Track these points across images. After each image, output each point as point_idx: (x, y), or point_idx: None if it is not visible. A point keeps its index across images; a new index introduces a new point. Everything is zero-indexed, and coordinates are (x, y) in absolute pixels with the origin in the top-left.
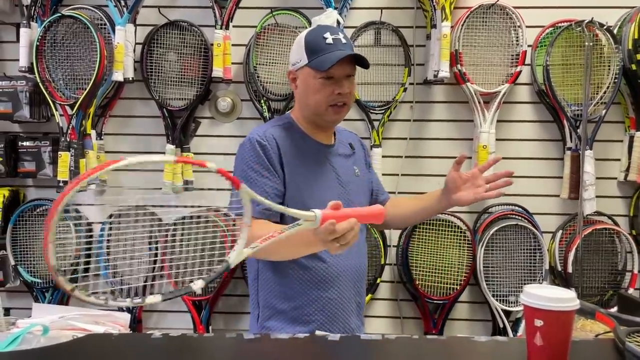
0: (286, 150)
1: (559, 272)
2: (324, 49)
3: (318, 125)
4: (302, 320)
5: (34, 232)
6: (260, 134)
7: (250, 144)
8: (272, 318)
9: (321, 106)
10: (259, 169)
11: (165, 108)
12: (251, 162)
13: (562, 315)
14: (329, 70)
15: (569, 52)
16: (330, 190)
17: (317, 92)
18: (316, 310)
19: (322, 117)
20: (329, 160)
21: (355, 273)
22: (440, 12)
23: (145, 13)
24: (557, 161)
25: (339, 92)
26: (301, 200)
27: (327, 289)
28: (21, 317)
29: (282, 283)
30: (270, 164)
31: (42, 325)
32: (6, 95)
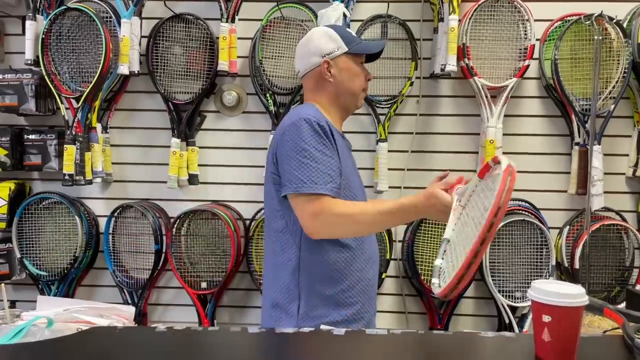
0: (334, 133)
1: (566, 268)
2: (357, 39)
3: (345, 111)
4: (347, 302)
5: (39, 225)
6: (312, 115)
7: (305, 125)
8: (320, 306)
9: (358, 89)
10: (321, 147)
11: (170, 101)
12: (312, 140)
13: (571, 311)
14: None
15: (578, 46)
16: (356, 174)
17: (359, 77)
18: (359, 292)
19: (357, 101)
20: (348, 147)
21: (378, 257)
22: (448, 5)
23: (150, 6)
24: (564, 156)
25: (369, 78)
26: (351, 182)
27: (368, 270)
28: (26, 309)
29: (328, 266)
30: (330, 143)
31: (47, 318)
32: (12, 88)
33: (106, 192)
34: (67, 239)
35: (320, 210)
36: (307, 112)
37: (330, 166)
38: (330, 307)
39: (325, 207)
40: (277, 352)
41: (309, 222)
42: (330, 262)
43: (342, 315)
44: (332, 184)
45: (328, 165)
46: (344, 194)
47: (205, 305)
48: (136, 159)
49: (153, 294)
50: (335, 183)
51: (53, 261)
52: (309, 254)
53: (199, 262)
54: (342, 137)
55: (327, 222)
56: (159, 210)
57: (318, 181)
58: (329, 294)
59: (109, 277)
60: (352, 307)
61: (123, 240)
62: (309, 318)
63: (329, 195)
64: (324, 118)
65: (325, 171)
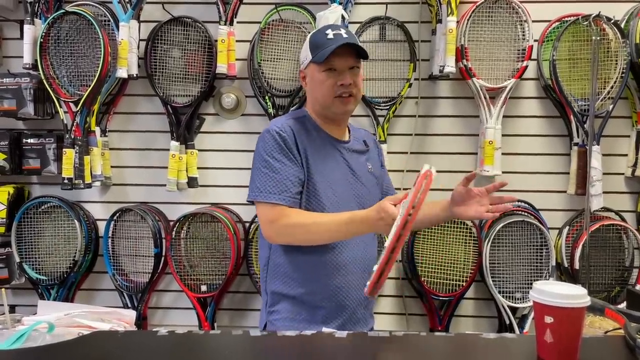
0: (303, 140)
1: (566, 268)
2: (325, 44)
3: (330, 118)
4: (311, 305)
5: (39, 229)
6: (278, 126)
7: (270, 135)
8: (280, 302)
9: (327, 98)
10: (280, 157)
11: (169, 104)
12: (273, 151)
13: (573, 312)
14: (329, 61)
15: (576, 46)
16: (344, 181)
17: (322, 85)
18: (324, 298)
19: (331, 110)
20: (342, 154)
21: (363, 264)
22: (446, 6)
23: (149, 9)
24: (563, 157)
25: (341, 83)
26: (318, 190)
27: (335, 277)
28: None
29: (293, 269)
30: (290, 152)
31: (48, 323)
32: (10, 92)
33: (105, 196)
34: (67, 243)
35: (273, 219)
36: (276, 122)
37: (288, 176)
38: (292, 306)
39: (278, 216)
40: (279, 355)
41: (265, 228)
42: (295, 265)
43: (303, 317)
44: (287, 194)
45: (285, 175)
46: (311, 201)
47: (205, 308)
48: (135, 162)
49: (153, 297)
50: (290, 192)
51: (52, 265)
52: (277, 256)
53: (199, 265)
54: (330, 144)
55: (279, 231)
56: (158, 214)
57: (273, 190)
58: (292, 294)
59: (109, 281)
60: (316, 311)
61: (122, 244)
62: (271, 314)
63: (283, 205)
64: (291, 126)
65: (281, 181)
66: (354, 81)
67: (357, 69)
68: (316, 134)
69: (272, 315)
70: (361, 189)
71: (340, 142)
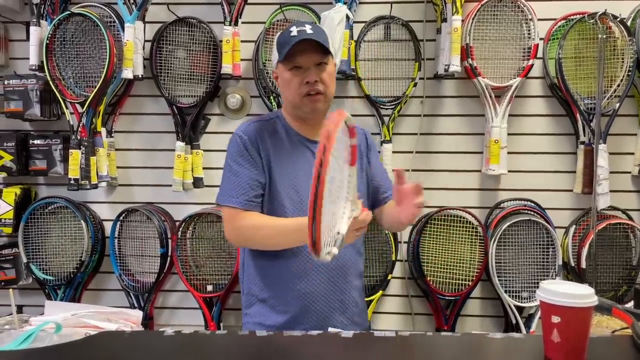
0: (266, 143)
1: (572, 267)
2: (288, 42)
3: (301, 118)
4: (279, 309)
5: (45, 230)
6: (242, 129)
7: (234, 139)
8: (254, 305)
9: (296, 98)
10: (241, 161)
11: (174, 105)
12: (235, 155)
13: (580, 312)
14: (293, 59)
15: (582, 44)
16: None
17: (289, 84)
18: (291, 301)
19: (301, 109)
20: (313, 153)
21: (334, 270)
22: (451, 5)
23: (154, 10)
24: (570, 155)
25: (306, 81)
26: (279, 192)
27: (300, 282)
28: (34, 314)
29: (262, 273)
30: (250, 156)
31: (55, 323)
32: (17, 93)
33: (111, 196)
34: (73, 244)
35: (229, 220)
36: (242, 125)
37: (246, 179)
38: (264, 309)
39: (234, 219)
40: (285, 355)
41: (225, 230)
42: (261, 269)
43: (273, 320)
44: (244, 197)
45: (244, 178)
46: (273, 203)
47: (211, 308)
48: (141, 163)
49: (159, 297)
50: (247, 196)
51: (59, 266)
52: (248, 258)
53: (205, 265)
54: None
55: (235, 233)
56: (164, 214)
57: (231, 194)
58: (263, 297)
59: (115, 281)
60: (284, 315)
61: (129, 244)
62: (246, 315)
63: (239, 208)
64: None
65: (240, 184)
66: (321, 78)
67: (324, 65)
68: (285, 135)
69: (246, 317)
70: None
71: (312, 142)
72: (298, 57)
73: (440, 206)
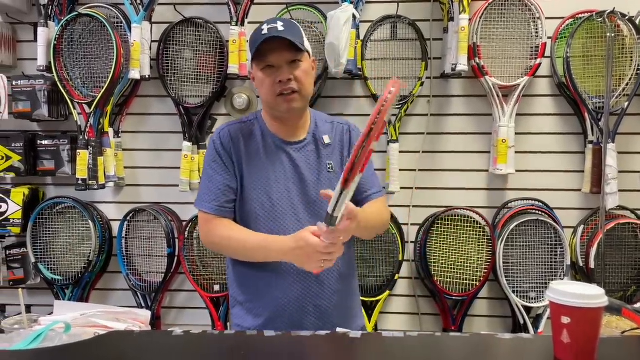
0: (239, 146)
1: (581, 267)
2: (258, 40)
3: (278, 118)
4: (254, 312)
5: (53, 230)
6: (218, 132)
7: (210, 143)
8: (235, 307)
9: (270, 97)
10: (214, 165)
11: (181, 105)
12: (209, 159)
13: (591, 313)
14: (264, 58)
15: (590, 43)
16: (284, 187)
17: (263, 84)
18: (264, 305)
19: (276, 109)
20: (288, 155)
21: (306, 274)
22: (458, 4)
23: (160, 10)
24: (578, 155)
25: (279, 80)
26: (251, 197)
27: (272, 287)
28: (42, 314)
29: (239, 277)
30: (223, 161)
31: (65, 323)
32: (25, 94)
33: (119, 196)
34: (81, 243)
35: (202, 225)
36: (220, 127)
37: (218, 185)
38: (242, 312)
39: (206, 224)
40: (294, 355)
41: (200, 234)
42: (238, 273)
43: (250, 323)
44: (215, 203)
45: (215, 184)
46: (244, 208)
47: (218, 308)
48: (148, 163)
49: (166, 297)
50: (218, 202)
51: (67, 265)
52: (229, 262)
53: (212, 265)
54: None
55: (207, 240)
56: (171, 214)
57: (204, 199)
58: (241, 300)
59: (123, 281)
60: (258, 318)
61: (136, 244)
62: (232, 315)
63: (211, 213)
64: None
65: (212, 189)
66: (295, 76)
67: (298, 62)
68: (260, 138)
69: (231, 318)
70: (311, 191)
71: (288, 144)
72: (269, 56)
73: (447, 206)
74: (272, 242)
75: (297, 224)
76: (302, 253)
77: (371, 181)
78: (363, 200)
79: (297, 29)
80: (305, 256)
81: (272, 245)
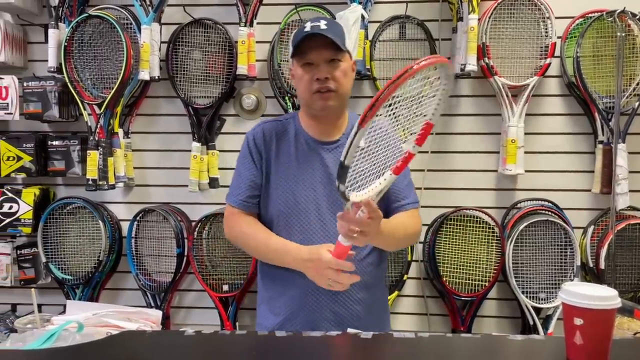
0: (272, 144)
1: (591, 268)
2: (300, 37)
3: (314, 117)
4: (274, 311)
5: (64, 230)
6: (253, 129)
7: (244, 139)
8: (260, 305)
9: (306, 94)
10: (244, 161)
11: (190, 106)
12: (240, 155)
13: (604, 314)
14: (304, 55)
15: (600, 43)
16: (313, 186)
17: (301, 80)
18: (282, 304)
19: (312, 107)
20: (319, 155)
21: None
22: (467, 4)
23: (170, 12)
24: (588, 155)
25: (317, 77)
26: (277, 195)
27: (291, 287)
28: (53, 313)
29: (263, 274)
30: (252, 158)
31: (77, 323)
32: (36, 95)
33: (128, 197)
34: (91, 243)
35: (226, 218)
36: (256, 125)
37: (244, 180)
38: (265, 309)
39: (230, 218)
40: (305, 356)
41: (224, 227)
42: (263, 270)
43: (271, 320)
44: (240, 197)
45: (243, 179)
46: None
47: (227, 307)
48: (157, 164)
49: (175, 297)
50: (242, 196)
51: (78, 265)
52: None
53: (221, 265)
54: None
55: (230, 233)
56: (180, 214)
57: (232, 192)
58: (264, 297)
59: (132, 281)
60: (278, 317)
61: (145, 244)
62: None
63: (235, 207)
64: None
65: (238, 184)
66: (332, 75)
67: (337, 62)
68: (294, 137)
69: (257, 316)
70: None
71: (321, 144)
72: (309, 53)
73: (456, 206)
74: (289, 249)
75: (320, 224)
76: (313, 266)
77: (405, 191)
78: (394, 210)
79: (339, 29)
80: (315, 270)
81: (289, 252)
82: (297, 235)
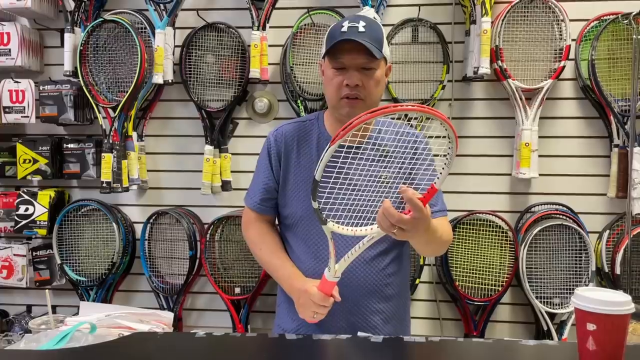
0: (292, 147)
1: (606, 273)
2: (336, 38)
3: (340, 121)
4: (290, 317)
5: (78, 232)
6: (274, 130)
7: (265, 140)
8: (279, 305)
9: (334, 98)
10: (262, 162)
11: (203, 109)
12: (260, 156)
13: (617, 319)
14: (337, 58)
15: (616, 45)
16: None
17: (330, 82)
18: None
19: (338, 110)
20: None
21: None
22: (480, 7)
23: (183, 16)
24: (603, 159)
25: (347, 83)
26: (296, 197)
27: None
28: (67, 314)
29: None
30: (270, 160)
31: (90, 324)
32: (52, 98)
33: (142, 199)
34: (105, 245)
35: (243, 219)
36: (279, 126)
37: (259, 182)
38: (283, 313)
39: (247, 219)
40: (315, 358)
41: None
42: None
43: (287, 326)
44: (255, 199)
45: (257, 181)
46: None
47: (239, 310)
48: (171, 166)
49: (188, 299)
50: (256, 198)
51: (92, 267)
52: None
53: (233, 267)
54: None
55: (244, 232)
56: (193, 217)
57: (249, 194)
58: (282, 299)
59: (145, 283)
60: (293, 323)
61: (158, 246)
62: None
63: (250, 208)
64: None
65: (254, 186)
66: (363, 83)
67: (372, 70)
68: (316, 139)
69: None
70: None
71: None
72: (342, 57)
73: (469, 210)
74: (287, 274)
75: None
76: (297, 297)
77: (435, 197)
78: None
79: (378, 33)
80: (299, 301)
81: (286, 276)
82: (314, 240)
